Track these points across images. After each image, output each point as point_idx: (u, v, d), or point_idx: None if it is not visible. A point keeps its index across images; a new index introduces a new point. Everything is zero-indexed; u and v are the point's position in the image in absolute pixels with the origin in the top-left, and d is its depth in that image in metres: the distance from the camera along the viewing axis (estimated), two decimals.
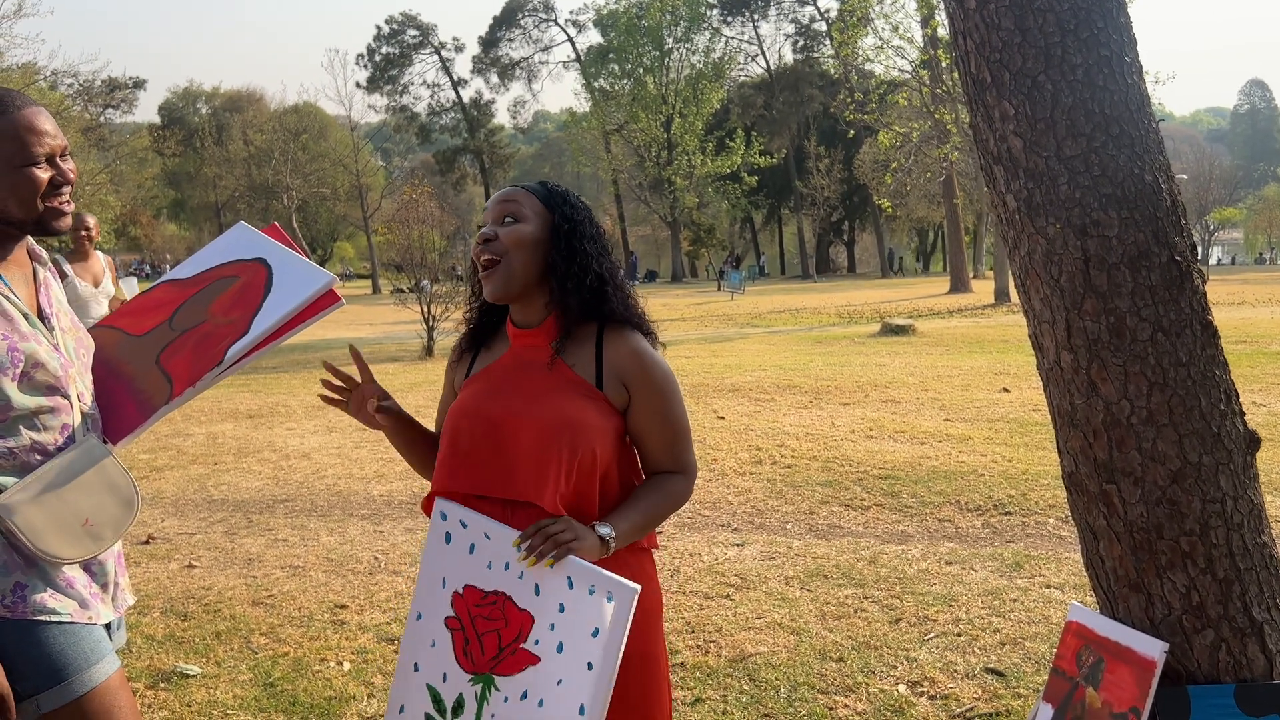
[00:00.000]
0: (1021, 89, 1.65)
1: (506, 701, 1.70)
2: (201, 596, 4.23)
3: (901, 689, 3.12)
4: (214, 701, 3.20)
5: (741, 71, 54.62)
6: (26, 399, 1.60)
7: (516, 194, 1.84)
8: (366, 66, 58.23)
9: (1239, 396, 1.71)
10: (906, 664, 3.30)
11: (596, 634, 1.65)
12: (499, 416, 1.79)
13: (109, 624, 1.74)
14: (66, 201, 1.68)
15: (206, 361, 1.79)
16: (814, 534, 4.88)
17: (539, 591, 1.69)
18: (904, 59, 25.33)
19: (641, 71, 46.86)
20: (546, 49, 59.12)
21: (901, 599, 3.89)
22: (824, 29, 50.43)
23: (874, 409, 8.23)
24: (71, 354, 1.72)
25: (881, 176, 29.92)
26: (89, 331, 1.86)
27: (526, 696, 1.69)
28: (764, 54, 55.08)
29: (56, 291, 1.77)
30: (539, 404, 1.78)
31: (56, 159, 1.66)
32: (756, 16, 54.29)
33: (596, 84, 48.88)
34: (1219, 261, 57.73)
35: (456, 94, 59.55)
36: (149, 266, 56.64)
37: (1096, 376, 1.66)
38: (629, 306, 1.88)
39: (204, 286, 1.95)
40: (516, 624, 1.71)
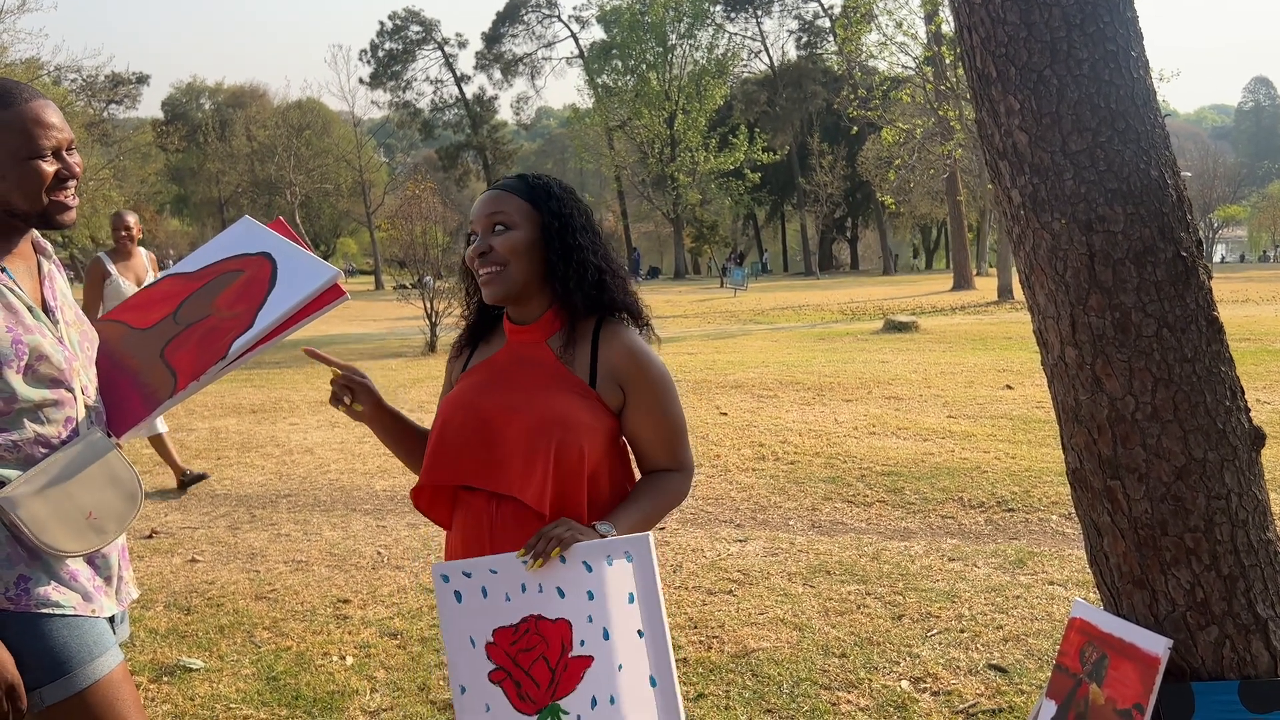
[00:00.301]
0: (1027, 84, 1.64)
1: (580, 719, 1.67)
2: (204, 590, 4.23)
3: (904, 685, 3.12)
4: (217, 695, 3.20)
5: (745, 68, 54.61)
6: (31, 392, 1.60)
7: (502, 199, 1.82)
8: (370, 62, 58.27)
9: (1244, 393, 1.70)
10: (909, 660, 3.30)
11: (632, 599, 1.65)
12: (490, 410, 1.80)
13: (112, 617, 1.74)
14: (71, 195, 1.68)
15: (211, 355, 1.79)
16: (817, 530, 4.88)
17: (563, 594, 1.67)
18: (908, 55, 25.28)
19: (645, 67, 46.81)
20: (550, 45, 59.11)
21: (904, 595, 3.89)
22: (827, 25, 50.36)
23: (877, 405, 8.23)
24: (76, 347, 1.72)
25: (885, 173, 29.87)
26: (93, 325, 1.86)
27: (596, 703, 1.66)
28: (767, 50, 55.05)
29: (61, 284, 1.77)
30: (530, 399, 1.78)
31: (63, 152, 1.66)
32: (760, 12, 54.24)
33: (600, 80, 48.84)
34: (1223, 259, 57.63)
35: (460, 90, 59.55)
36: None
37: (1101, 372, 1.65)
38: (627, 294, 1.88)
39: (209, 280, 1.95)
40: (557, 637, 1.68)
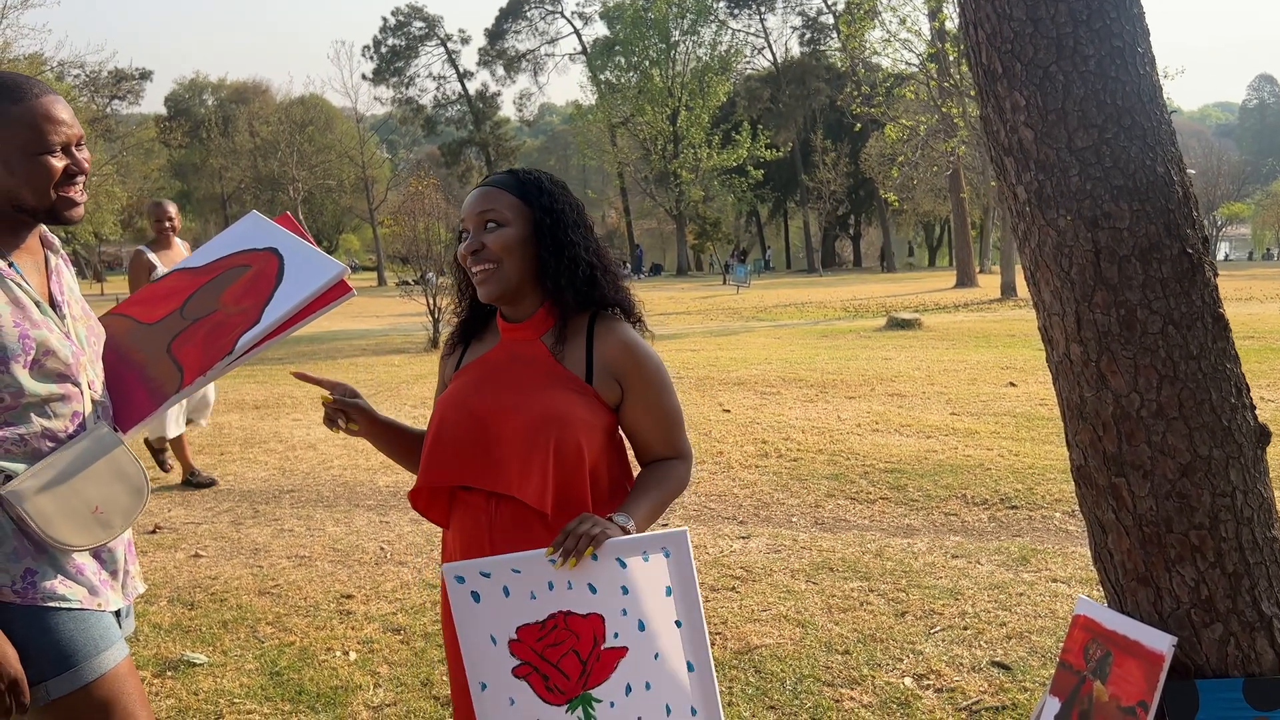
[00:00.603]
0: (1033, 80, 1.64)
1: (614, 707, 1.66)
2: (208, 586, 4.24)
3: (907, 682, 3.12)
4: (220, 690, 3.21)
5: (748, 64, 54.58)
6: (38, 386, 1.61)
7: (493, 196, 1.81)
8: (373, 58, 58.28)
9: (1249, 390, 1.70)
10: (912, 657, 3.30)
11: (669, 592, 1.66)
12: (486, 409, 1.79)
13: (118, 611, 1.75)
14: (80, 191, 1.68)
15: (217, 351, 1.79)
16: (820, 527, 4.88)
17: (595, 590, 1.66)
18: (911, 52, 25.23)
19: (648, 64, 46.79)
20: (552, 41, 59.21)
21: (907, 592, 3.89)
22: (831, 22, 50.30)
23: (880, 403, 8.22)
24: (83, 342, 1.72)
25: (888, 170, 29.83)
26: (100, 319, 1.86)
27: (631, 690, 1.66)
28: (770, 47, 55.01)
29: (68, 279, 1.78)
30: (526, 397, 1.77)
31: (72, 148, 1.66)
32: (763, 9, 54.20)
33: (602, 77, 48.82)
34: (1226, 257, 57.50)
35: (462, 86, 59.55)
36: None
37: (1106, 369, 1.65)
38: (619, 289, 1.88)
39: (215, 275, 1.95)
40: (589, 632, 1.67)
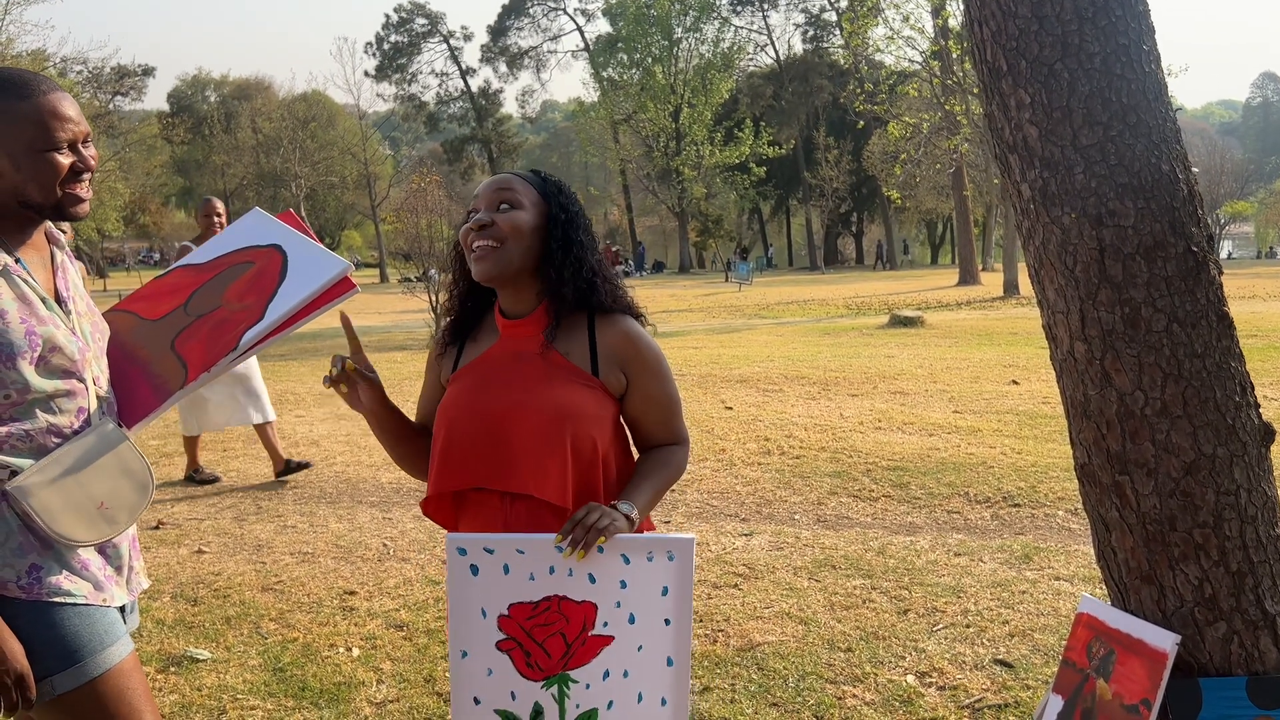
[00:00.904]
0: (1038, 77, 1.64)
1: (589, 688, 1.71)
2: (211, 582, 4.25)
3: (910, 679, 3.12)
4: (224, 686, 3.22)
5: (750, 61, 54.49)
6: (44, 382, 1.61)
7: (513, 181, 1.82)
8: (375, 55, 58.25)
9: (1254, 388, 1.70)
10: (915, 655, 3.30)
11: (666, 592, 1.70)
12: (498, 409, 1.78)
13: (123, 607, 1.75)
14: (85, 188, 1.68)
15: (221, 347, 1.79)
16: (822, 524, 4.88)
17: (594, 579, 1.70)
18: (914, 49, 25.17)
19: (650, 61, 46.72)
20: (555, 38, 59.10)
21: (910, 590, 3.89)
22: (834, 19, 50.21)
23: (882, 400, 8.22)
24: (88, 338, 1.72)
25: (891, 168, 29.78)
26: (104, 315, 1.87)
27: (609, 675, 1.71)
28: (773, 44, 54.90)
29: (73, 275, 1.78)
30: (537, 395, 1.77)
31: (78, 145, 1.66)
32: (766, 6, 54.11)
33: (605, 74, 48.76)
34: (1229, 255, 57.41)
35: (465, 83, 59.52)
36: (157, 254, 56.80)
37: (1111, 367, 1.65)
38: (618, 298, 1.88)
39: (219, 272, 1.95)
40: (579, 617, 1.71)
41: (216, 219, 5.99)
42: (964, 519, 4.90)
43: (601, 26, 53.17)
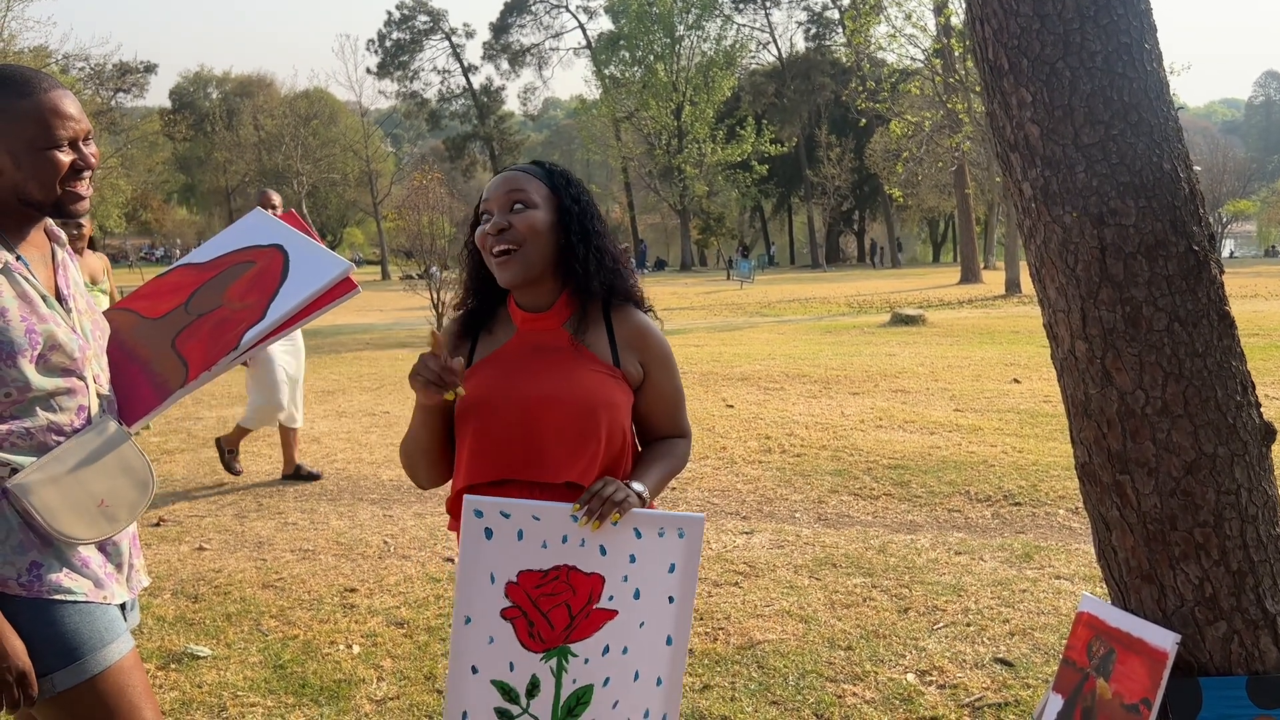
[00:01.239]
0: (1039, 76, 1.63)
1: (588, 663, 1.73)
2: (212, 579, 4.25)
3: (910, 678, 3.13)
4: (224, 683, 3.22)
5: (753, 59, 54.48)
6: (44, 380, 1.61)
7: (521, 179, 1.82)
8: (377, 52, 58.27)
9: (1255, 388, 1.70)
10: (915, 653, 3.30)
11: (673, 569, 1.73)
12: (530, 400, 1.77)
13: (123, 604, 1.75)
14: (86, 186, 1.68)
15: (222, 346, 1.79)
16: (823, 523, 4.88)
17: (605, 552, 1.72)
18: (917, 47, 25.15)
19: (652, 59, 46.71)
20: (557, 35, 59.04)
21: (910, 588, 3.89)
22: (836, 17, 50.17)
23: (884, 399, 8.22)
24: (89, 336, 1.72)
25: (893, 166, 29.79)
26: (104, 314, 1.87)
27: (609, 650, 1.73)
28: (775, 42, 54.90)
29: (74, 273, 1.78)
30: (568, 385, 1.78)
31: (79, 143, 1.66)
32: (768, 4, 54.10)
33: (607, 71, 48.76)
34: (1231, 254, 57.33)
35: (467, 80, 59.53)
36: (159, 251, 56.84)
37: (1111, 366, 1.65)
38: (635, 285, 1.92)
39: (220, 271, 1.95)
40: (585, 589, 1.72)
41: (273, 210, 6.00)
42: (965, 517, 4.90)
43: (603, 24, 53.27)
